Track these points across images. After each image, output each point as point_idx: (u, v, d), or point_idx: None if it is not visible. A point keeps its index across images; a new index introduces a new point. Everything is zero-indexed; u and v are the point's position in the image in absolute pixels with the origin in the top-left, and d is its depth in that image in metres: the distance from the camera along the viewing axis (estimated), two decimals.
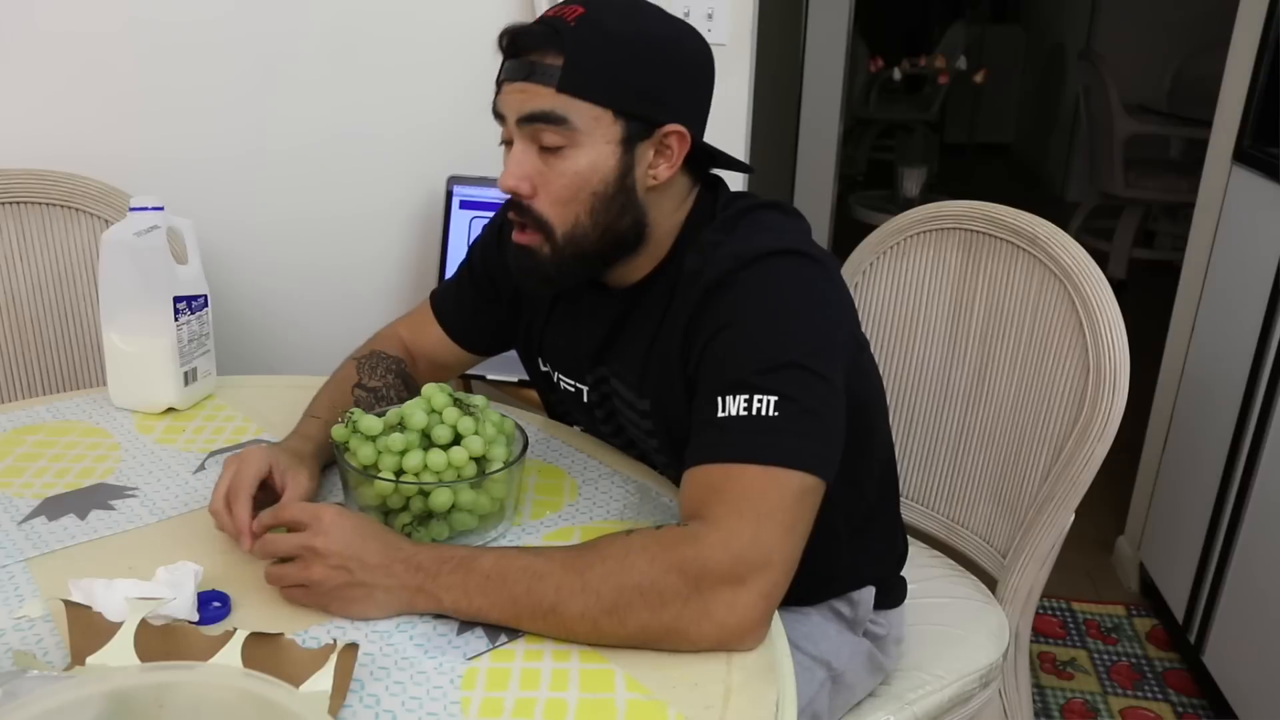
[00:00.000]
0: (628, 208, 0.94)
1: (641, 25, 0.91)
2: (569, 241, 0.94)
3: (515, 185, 0.93)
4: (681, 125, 0.93)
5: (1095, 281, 1.22)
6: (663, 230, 0.98)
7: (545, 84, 0.89)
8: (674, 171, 0.95)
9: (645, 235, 0.97)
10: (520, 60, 0.91)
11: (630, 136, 0.92)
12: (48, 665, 0.77)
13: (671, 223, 0.99)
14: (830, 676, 1.08)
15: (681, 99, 0.94)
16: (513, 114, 0.92)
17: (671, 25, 0.94)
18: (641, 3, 0.94)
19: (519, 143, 0.93)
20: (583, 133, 0.90)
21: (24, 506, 1.01)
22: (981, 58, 6.03)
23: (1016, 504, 1.31)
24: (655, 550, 0.81)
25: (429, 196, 1.89)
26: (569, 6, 0.91)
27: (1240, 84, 1.91)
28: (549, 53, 0.89)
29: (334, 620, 0.84)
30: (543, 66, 0.89)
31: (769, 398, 0.84)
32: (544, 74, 0.89)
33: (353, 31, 1.78)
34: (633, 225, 0.96)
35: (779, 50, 3.02)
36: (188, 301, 1.23)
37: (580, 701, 0.75)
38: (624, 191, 0.93)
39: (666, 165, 0.94)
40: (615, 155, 0.92)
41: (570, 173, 0.92)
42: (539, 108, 0.90)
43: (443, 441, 0.93)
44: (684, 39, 0.94)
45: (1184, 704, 1.88)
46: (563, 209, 0.93)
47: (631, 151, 0.92)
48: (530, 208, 0.94)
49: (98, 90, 1.77)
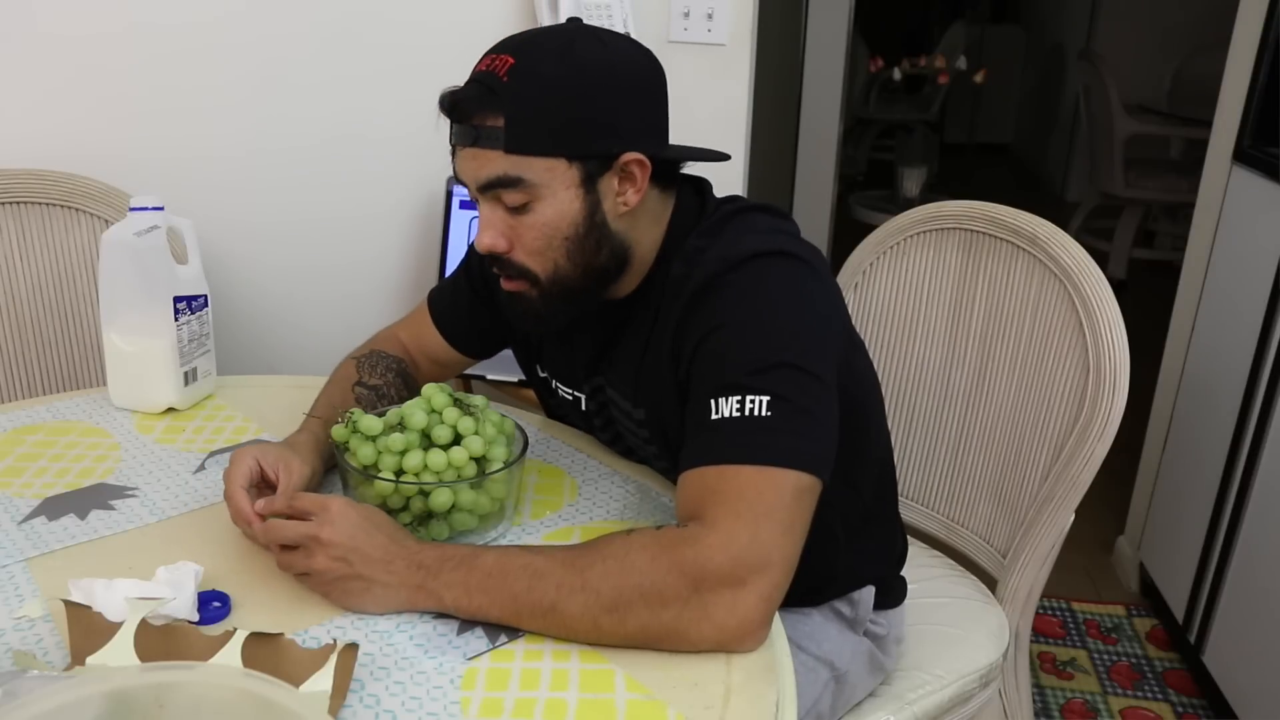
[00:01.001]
0: (603, 241, 0.94)
1: (575, 60, 0.88)
2: (553, 284, 0.95)
3: (491, 244, 0.93)
4: (638, 151, 0.92)
5: (1095, 281, 1.22)
6: (645, 246, 0.98)
7: (493, 148, 0.88)
8: (643, 194, 0.94)
9: (629, 257, 0.97)
10: (465, 126, 0.89)
11: (590, 176, 0.91)
12: (48, 665, 0.77)
13: (652, 237, 0.99)
14: (833, 677, 1.08)
15: (631, 122, 0.92)
16: (471, 183, 0.92)
17: (605, 49, 0.91)
18: (572, 31, 0.92)
19: (484, 205, 0.93)
20: (541, 186, 0.90)
21: (24, 506, 1.01)
22: (981, 58, 6.03)
23: (1016, 504, 1.31)
24: (655, 550, 0.81)
25: (429, 197, 1.89)
26: (500, 57, 0.89)
27: (1240, 84, 1.91)
28: (488, 114, 0.88)
29: (334, 620, 0.84)
30: (486, 130, 0.88)
31: (761, 398, 0.84)
32: (489, 138, 0.88)
33: (353, 33, 1.79)
34: (612, 255, 0.95)
35: (779, 50, 3.02)
36: (188, 301, 1.23)
37: (580, 701, 0.75)
38: (596, 229, 0.93)
39: (634, 190, 0.93)
40: (579, 198, 0.91)
41: (538, 225, 0.91)
42: (493, 174, 0.89)
43: (443, 441, 0.93)
44: (620, 60, 0.91)
45: (1184, 704, 1.88)
46: (540, 258, 0.93)
47: (594, 189, 0.92)
48: (510, 260, 0.94)
49: (98, 90, 1.77)
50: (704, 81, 1.78)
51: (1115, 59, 4.10)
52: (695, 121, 1.76)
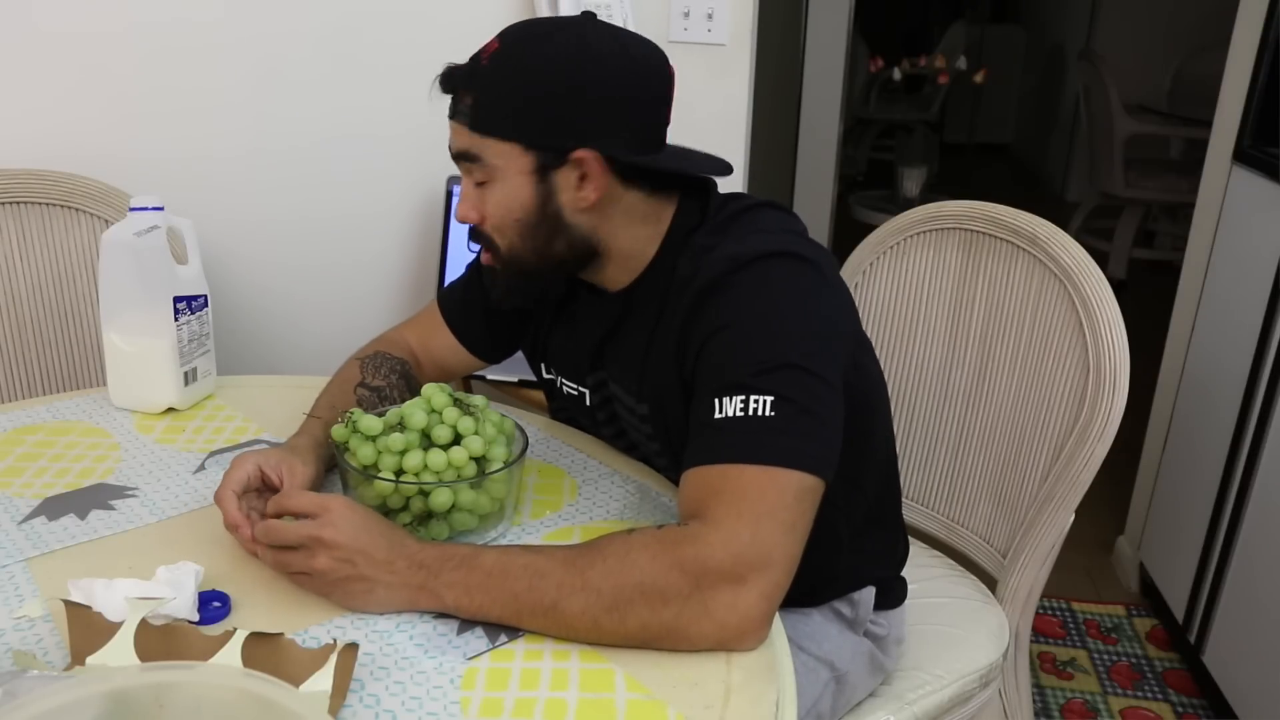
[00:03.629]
0: (557, 232, 0.96)
1: (550, 53, 0.90)
2: (510, 262, 0.99)
3: (465, 214, 0.98)
4: (593, 149, 0.91)
5: (1095, 281, 1.22)
6: (624, 242, 0.98)
7: (463, 123, 0.94)
8: (601, 192, 0.94)
9: (598, 250, 0.98)
10: (452, 100, 0.95)
11: (543, 166, 0.93)
12: (48, 665, 0.77)
13: (640, 234, 0.99)
14: (834, 677, 1.08)
15: (593, 122, 0.92)
16: (451, 151, 0.96)
17: (585, 49, 0.91)
18: (562, 25, 0.93)
19: (464, 176, 0.97)
20: (497, 168, 0.93)
21: (24, 506, 1.01)
22: (981, 58, 6.03)
23: (1016, 504, 1.31)
24: (656, 549, 0.81)
25: (429, 196, 1.89)
26: (494, 41, 0.93)
27: (1240, 84, 1.91)
28: (465, 92, 0.93)
29: (334, 620, 0.84)
30: (462, 106, 0.93)
31: (765, 398, 0.84)
32: (462, 113, 0.93)
33: (352, 32, 1.79)
34: (569, 247, 0.97)
35: (779, 50, 3.02)
36: (188, 301, 1.23)
37: (580, 701, 0.75)
38: (549, 219, 0.95)
39: (592, 188, 0.94)
40: (529, 185, 0.93)
41: (494, 203, 0.95)
42: (460, 146, 0.95)
43: (443, 441, 0.93)
44: (610, 59, 0.91)
45: (1184, 704, 1.88)
46: (500, 235, 0.98)
47: (547, 180, 0.93)
48: (481, 232, 0.99)
49: (98, 90, 1.77)
50: (704, 81, 1.78)
51: (1115, 59, 4.10)
52: (695, 121, 1.76)
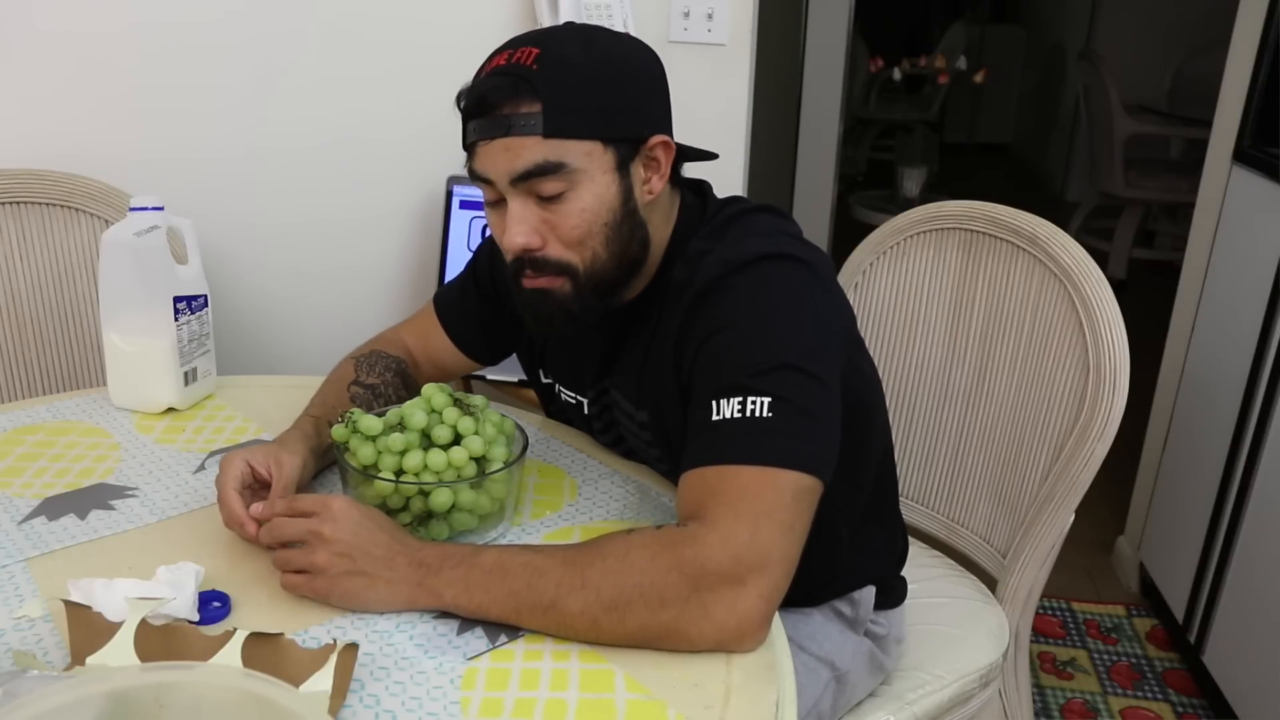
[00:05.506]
0: (636, 229, 0.95)
1: (597, 50, 0.91)
2: (590, 277, 0.94)
3: (526, 242, 0.91)
4: (664, 134, 0.94)
5: (1095, 281, 1.22)
6: (657, 243, 0.99)
7: (529, 134, 0.87)
8: (665, 181, 0.96)
9: (648, 252, 0.98)
10: (492, 117, 0.88)
11: (623, 160, 0.92)
12: (48, 665, 0.77)
13: (662, 235, 1.00)
14: (834, 677, 1.08)
15: (655, 109, 0.95)
16: (503, 176, 0.90)
17: (619, 42, 0.94)
18: (587, 27, 0.94)
19: (515, 200, 0.91)
20: (581, 171, 0.89)
21: (24, 506, 1.01)
22: (981, 58, 6.03)
23: (1016, 504, 1.31)
24: (655, 549, 0.81)
25: (429, 197, 1.89)
26: (520, 50, 0.89)
27: (1240, 84, 1.91)
28: (523, 101, 0.87)
29: (334, 620, 0.84)
30: (520, 117, 0.87)
31: (763, 399, 0.84)
32: (525, 124, 0.87)
33: (353, 33, 1.79)
34: (642, 245, 0.97)
35: (779, 50, 3.02)
36: (188, 301, 1.23)
37: (580, 701, 0.75)
38: (630, 215, 0.94)
39: (658, 177, 0.95)
40: (615, 182, 0.92)
41: (578, 213, 0.91)
42: (531, 161, 0.88)
43: (443, 441, 0.93)
44: (635, 52, 0.95)
45: (1184, 704, 1.88)
46: (578, 249, 0.92)
47: (627, 174, 0.93)
48: (545, 258, 0.93)
49: (98, 90, 1.78)
50: (704, 81, 1.78)
51: (1115, 59, 4.10)
52: (695, 121, 1.76)
